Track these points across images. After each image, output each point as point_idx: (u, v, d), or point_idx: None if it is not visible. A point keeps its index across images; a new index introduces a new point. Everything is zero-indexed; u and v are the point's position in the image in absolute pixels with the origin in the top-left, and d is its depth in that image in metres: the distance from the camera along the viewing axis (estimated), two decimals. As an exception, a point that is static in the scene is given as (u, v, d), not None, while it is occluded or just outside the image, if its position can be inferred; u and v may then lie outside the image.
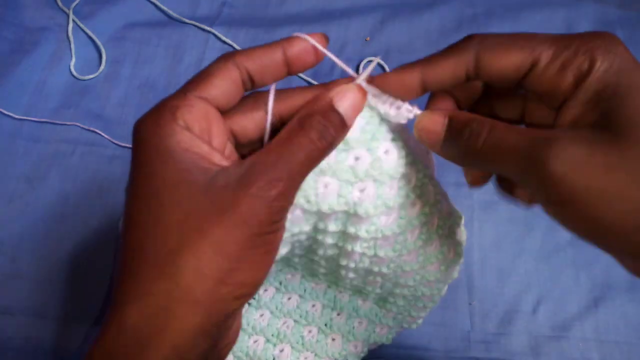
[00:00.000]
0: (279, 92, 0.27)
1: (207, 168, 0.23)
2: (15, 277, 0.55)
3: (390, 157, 0.28)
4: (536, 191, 0.23)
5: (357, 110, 0.26)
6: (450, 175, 0.57)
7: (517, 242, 0.57)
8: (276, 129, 0.27)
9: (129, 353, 0.22)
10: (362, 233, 0.30)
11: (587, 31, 0.24)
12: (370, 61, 0.68)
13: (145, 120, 0.24)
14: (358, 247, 0.32)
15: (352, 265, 0.34)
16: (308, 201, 0.28)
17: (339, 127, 0.25)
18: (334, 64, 0.69)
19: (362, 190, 0.28)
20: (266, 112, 0.26)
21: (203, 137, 0.24)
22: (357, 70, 0.67)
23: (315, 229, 0.31)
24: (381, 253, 0.32)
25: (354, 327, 0.45)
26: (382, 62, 0.67)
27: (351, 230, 0.30)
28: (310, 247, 0.34)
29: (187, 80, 0.25)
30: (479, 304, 0.54)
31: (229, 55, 0.25)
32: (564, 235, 0.56)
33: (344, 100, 0.25)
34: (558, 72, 0.23)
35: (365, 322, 0.45)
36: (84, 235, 0.57)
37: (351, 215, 0.29)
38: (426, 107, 0.29)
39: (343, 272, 0.36)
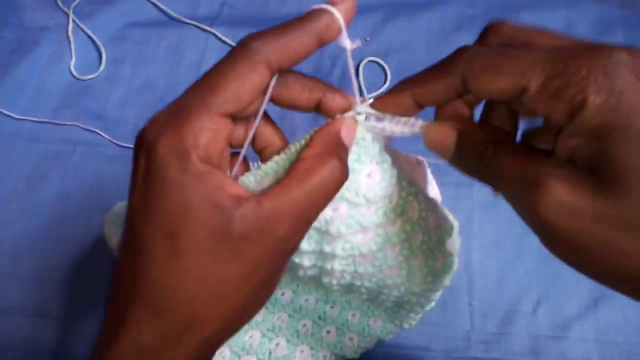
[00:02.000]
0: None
1: (223, 205, 0.22)
2: (15, 277, 0.54)
3: (371, 181, 0.28)
4: (526, 222, 0.23)
5: (353, 141, 0.26)
6: (451, 175, 0.56)
7: (517, 242, 0.57)
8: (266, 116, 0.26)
9: None
10: (339, 251, 0.30)
11: (586, 46, 0.21)
12: (370, 61, 0.68)
13: (165, 141, 0.21)
14: (337, 265, 0.31)
15: (334, 281, 0.34)
16: None
17: (347, 163, 0.25)
18: (334, 63, 0.70)
19: (334, 210, 0.28)
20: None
21: (218, 163, 0.23)
22: (357, 70, 0.67)
23: None
24: (361, 269, 0.32)
25: (347, 320, 0.45)
26: (382, 62, 0.67)
27: (327, 249, 0.30)
28: (291, 268, 0.34)
29: (209, 78, 0.22)
30: (479, 304, 0.54)
31: (259, 52, 0.22)
32: (564, 235, 0.56)
33: (348, 133, 0.25)
34: (550, 100, 0.21)
35: (358, 315, 0.45)
36: (84, 235, 0.57)
37: (324, 234, 0.29)
38: (435, 113, 0.28)
39: (327, 285, 0.36)
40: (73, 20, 0.69)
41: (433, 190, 0.39)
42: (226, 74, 0.22)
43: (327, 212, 0.28)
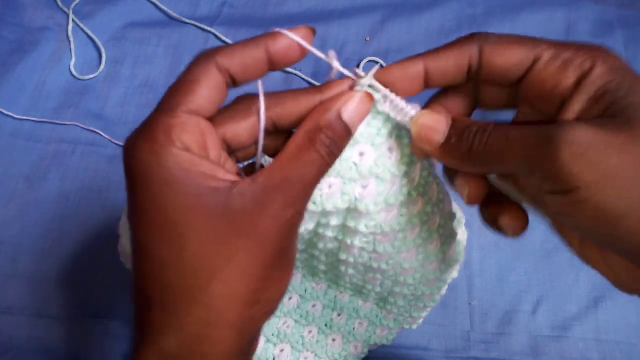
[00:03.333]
0: (271, 97, 0.26)
1: (216, 187, 0.22)
2: (15, 277, 0.55)
3: (393, 155, 0.28)
4: (543, 182, 0.22)
5: (363, 117, 0.26)
6: (450, 175, 0.57)
7: (517, 242, 0.57)
8: (270, 132, 0.26)
9: None
10: (362, 227, 0.30)
11: (591, 36, 0.24)
12: (370, 62, 0.68)
13: (139, 146, 0.22)
14: (357, 242, 0.32)
15: (351, 260, 0.34)
16: (314, 203, 0.28)
17: (346, 138, 0.25)
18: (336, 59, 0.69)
19: (364, 187, 0.28)
20: (258, 119, 0.26)
21: (202, 153, 0.23)
22: (357, 70, 0.67)
23: (318, 224, 0.31)
24: (380, 249, 0.32)
25: (354, 328, 0.45)
26: (382, 62, 0.67)
27: (351, 224, 0.30)
28: (310, 241, 0.34)
29: (170, 90, 0.24)
30: (479, 304, 0.54)
31: (209, 57, 0.24)
32: (564, 235, 0.56)
33: (350, 108, 0.25)
34: (560, 70, 0.23)
35: (366, 324, 0.45)
36: (83, 235, 0.57)
37: (352, 210, 0.29)
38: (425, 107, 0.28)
39: (343, 268, 0.36)
40: (73, 20, 0.69)
41: None
42: (182, 79, 0.24)
43: (357, 190, 0.28)
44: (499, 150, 0.23)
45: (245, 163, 0.28)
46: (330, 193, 0.28)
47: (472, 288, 0.55)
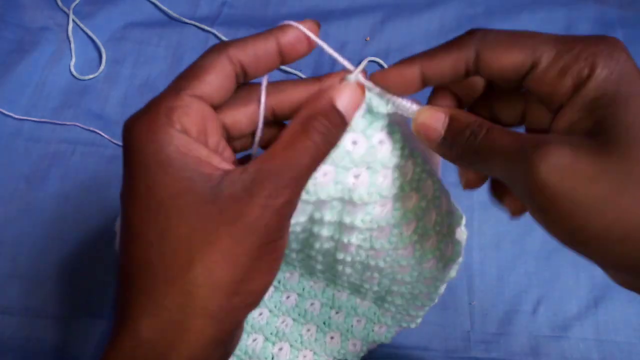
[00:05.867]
0: (271, 86, 0.26)
1: (209, 174, 0.22)
2: (15, 277, 0.54)
3: (383, 147, 0.28)
4: (522, 195, 0.23)
5: (357, 106, 0.26)
6: (451, 175, 0.56)
7: (517, 242, 0.57)
8: (268, 121, 0.26)
9: None
10: (358, 222, 0.30)
11: (591, 34, 0.23)
12: (371, 61, 0.68)
13: (139, 125, 0.23)
14: (354, 239, 0.32)
15: (348, 259, 0.34)
16: (307, 192, 0.28)
17: (341, 126, 0.25)
18: (334, 64, 0.70)
19: (356, 176, 0.28)
20: (259, 106, 0.26)
21: (200, 139, 0.23)
22: (357, 70, 0.67)
23: (311, 220, 0.31)
24: (377, 245, 0.32)
25: (352, 326, 0.45)
26: (382, 62, 0.67)
27: (347, 220, 0.30)
28: (306, 241, 0.34)
29: (179, 75, 0.24)
30: (479, 304, 0.54)
31: (221, 48, 0.24)
32: (564, 235, 0.56)
33: (343, 97, 0.25)
34: (558, 76, 0.23)
35: (364, 321, 0.45)
36: (83, 235, 0.57)
37: (346, 203, 0.29)
38: (427, 103, 0.28)
39: (340, 267, 0.36)
40: (73, 20, 0.69)
41: None
42: (192, 65, 0.24)
43: (349, 180, 0.28)
44: (485, 158, 0.24)
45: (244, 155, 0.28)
46: (324, 181, 0.28)
47: (472, 288, 0.55)
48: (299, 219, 0.30)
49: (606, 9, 0.72)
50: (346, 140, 0.27)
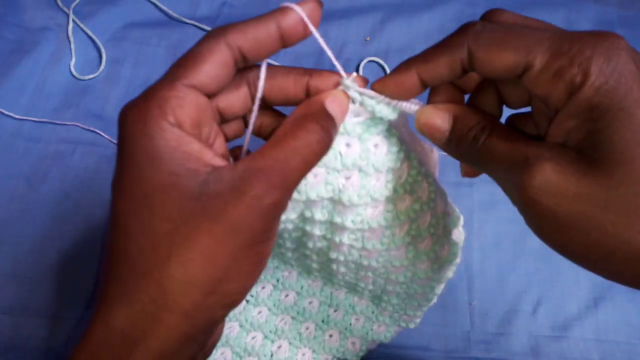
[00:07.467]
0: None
1: (198, 170, 0.22)
2: (15, 277, 0.54)
3: (378, 151, 0.28)
4: (516, 205, 0.24)
5: (345, 114, 0.26)
6: (451, 174, 0.57)
7: (517, 242, 0.57)
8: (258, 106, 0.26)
9: (115, 354, 0.22)
10: (348, 223, 0.30)
11: (591, 30, 0.22)
12: (370, 61, 0.68)
13: (132, 114, 0.22)
14: (346, 239, 0.32)
15: (341, 258, 0.34)
16: (298, 191, 0.28)
17: (332, 129, 0.24)
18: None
19: (347, 178, 0.29)
20: (250, 89, 0.26)
21: (194, 131, 0.23)
22: (357, 69, 0.67)
23: (303, 218, 0.31)
24: (369, 245, 0.32)
25: (350, 324, 0.45)
26: (382, 62, 0.67)
27: (337, 220, 0.30)
28: (300, 240, 0.34)
29: (176, 62, 0.23)
30: (479, 304, 0.54)
31: (219, 33, 0.23)
32: (564, 235, 0.56)
33: (335, 103, 0.25)
34: (551, 80, 0.22)
35: (362, 319, 0.45)
36: (83, 235, 0.57)
37: (336, 203, 0.30)
38: (429, 97, 0.28)
39: (334, 266, 0.36)
40: (73, 20, 0.69)
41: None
42: (189, 53, 0.23)
43: (340, 181, 0.28)
44: (485, 164, 0.24)
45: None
46: (315, 182, 0.28)
47: (472, 288, 0.55)
48: (289, 216, 0.30)
49: (606, 9, 0.72)
50: (339, 143, 0.27)
